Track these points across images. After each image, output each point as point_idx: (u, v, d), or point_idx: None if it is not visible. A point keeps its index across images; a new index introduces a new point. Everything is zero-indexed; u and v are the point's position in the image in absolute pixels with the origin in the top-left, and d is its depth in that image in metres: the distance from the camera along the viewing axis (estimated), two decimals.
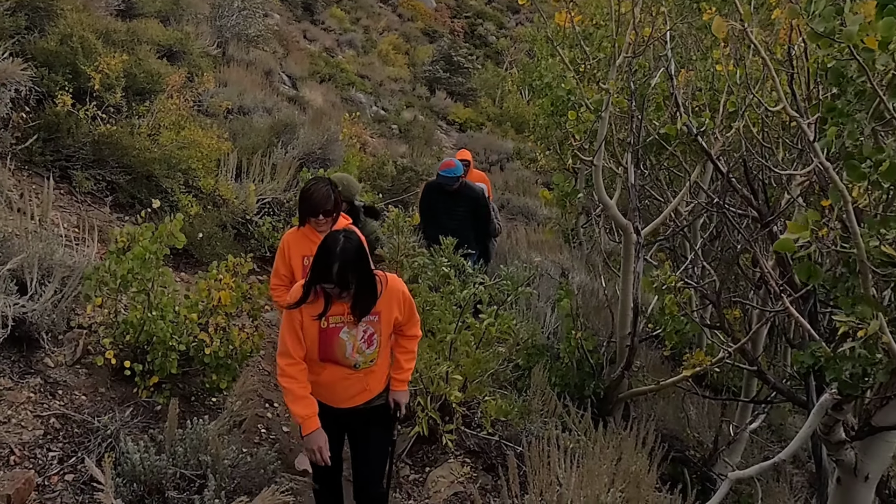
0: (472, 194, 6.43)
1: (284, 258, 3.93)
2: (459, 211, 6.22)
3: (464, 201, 6.32)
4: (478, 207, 6.43)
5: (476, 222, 6.43)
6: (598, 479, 3.37)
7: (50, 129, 5.80)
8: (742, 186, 5.62)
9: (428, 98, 24.05)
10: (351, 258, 2.82)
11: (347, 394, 3.14)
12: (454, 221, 6.00)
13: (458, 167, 6.31)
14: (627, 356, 5.54)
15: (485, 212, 6.56)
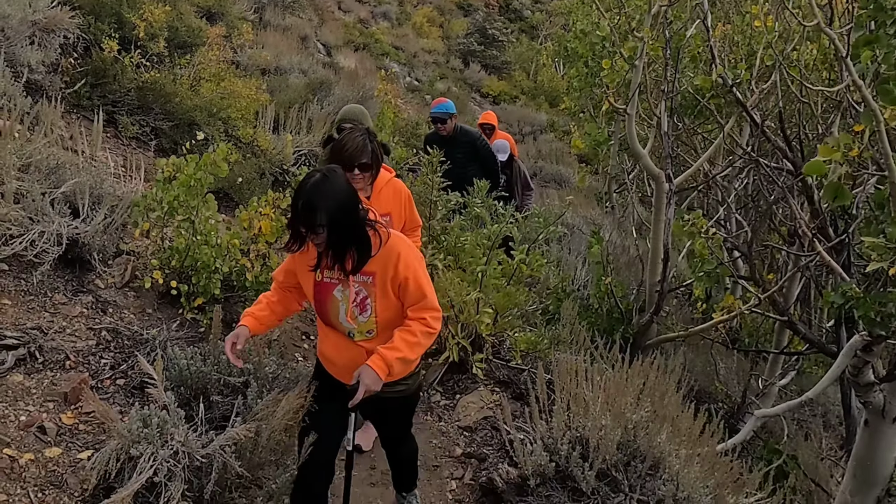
0: (468, 138, 6.28)
1: None
2: (458, 158, 5.85)
3: (461, 147, 6.10)
4: (475, 150, 6.24)
5: (477, 168, 6.15)
6: (624, 397, 3.47)
7: (97, 75, 6.00)
8: (777, 138, 5.63)
9: (462, 70, 24.01)
10: (322, 196, 2.44)
11: (350, 369, 2.69)
12: (454, 169, 5.63)
13: (449, 104, 6.26)
14: (657, 301, 5.61)
15: (485, 153, 6.34)
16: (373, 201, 3.36)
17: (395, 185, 3.57)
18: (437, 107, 6.29)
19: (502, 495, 3.41)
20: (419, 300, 2.65)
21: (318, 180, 2.49)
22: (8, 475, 2.85)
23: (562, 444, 3.27)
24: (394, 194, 3.55)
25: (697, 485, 3.14)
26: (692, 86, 6.21)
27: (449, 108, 6.21)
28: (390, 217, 3.48)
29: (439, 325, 2.70)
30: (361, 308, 2.67)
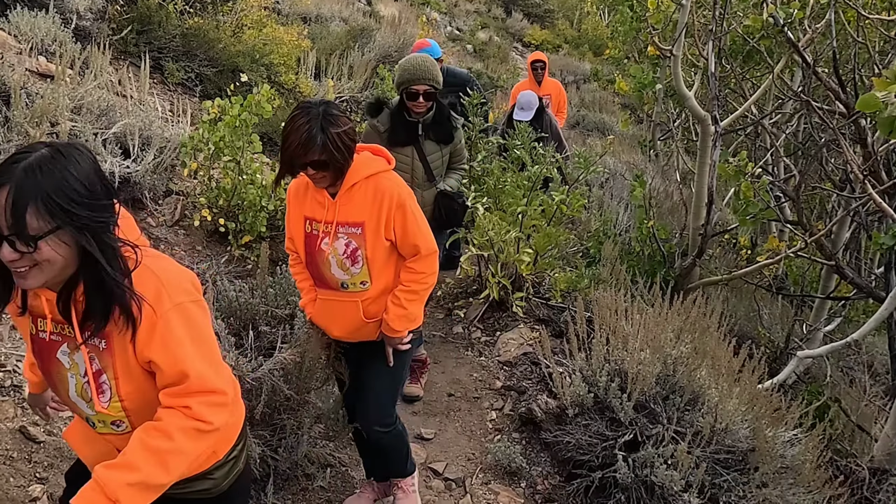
0: (456, 81, 5.30)
1: None
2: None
3: (448, 95, 5.00)
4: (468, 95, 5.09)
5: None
6: (664, 333, 3.49)
7: (142, 22, 6.09)
8: (829, 79, 5.46)
9: (504, 19, 23.63)
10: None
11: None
12: None
13: (434, 47, 5.13)
14: (700, 244, 5.56)
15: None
16: (339, 203, 2.47)
17: (377, 185, 2.47)
18: (420, 51, 4.68)
19: (541, 424, 3.50)
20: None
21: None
22: None
23: (600, 376, 3.32)
24: (373, 197, 2.47)
25: (736, 417, 3.17)
26: (742, 27, 6.04)
27: (434, 52, 5.02)
28: (362, 229, 2.48)
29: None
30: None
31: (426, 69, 3.48)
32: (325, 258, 2.53)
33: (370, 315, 2.63)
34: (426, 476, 3.35)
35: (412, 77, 3.48)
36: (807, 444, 3.15)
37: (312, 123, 2.27)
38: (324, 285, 2.64)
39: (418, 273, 2.58)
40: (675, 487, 2.93)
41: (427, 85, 3.49)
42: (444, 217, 3.77)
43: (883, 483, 4.55)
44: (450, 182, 3.84)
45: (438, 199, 3.76)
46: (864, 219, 5.86)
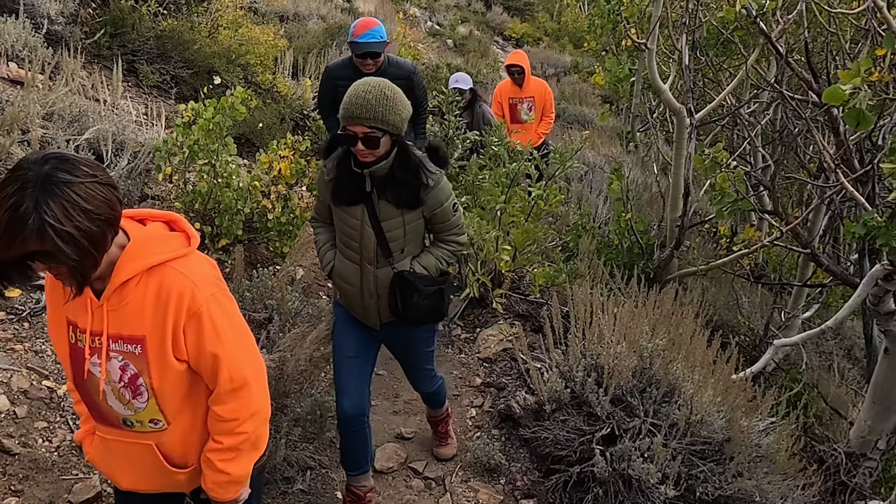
0: (401, 73, 4.18)
1: None
2: None
3: None
4: (413, 90, 4.14)
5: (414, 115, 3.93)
6: (639, 326, 3.52)
7: (115, 25, 6.05)
8: (802, 70, 5.51)
9: (484, 13, 23.64)
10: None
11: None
12: None
13: (379, 28, 4.09)
14: (678, 236, 5.61)
15: (421, 94, 4.36)
16: (107, 307, 1.63)
17: (162, 281, 1.64)
18: (365, 34, 4.02)
19: (520, 420, 3.53)
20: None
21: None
22: (47, 404, 3.01)
23: (577, 371, 3.35)
24: (156, 300, 1.64)
25: (711, 408, 3.21)
26: (716, 18, 6.08)
27: (381, 35, 4.09)
28: (142, 347, 1.65)
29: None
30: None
31: (368, 104, 2.44)
32: (97, 386, 1.71)
33: (176, 461, 1.81)
34: (406, 475, 3.37)
35: (346, 113, 2.47)
36: (780, 432, 3.19)
37: (25, 196, 1.39)
38: (101, 420, 1.79)
39: (226, 421, 1.73)
40: (651, 480, 2.97)
41: (368, 127, 2.45)
42: (401, 311, 2.76)
43: (858, 467, 4.63)
44: (424, 260, 2.78)
45: (395, 285, 2.74)
46: (837, 207, 5.92)
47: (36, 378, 3.11)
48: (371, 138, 2.48)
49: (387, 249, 2.70)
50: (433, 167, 2.68)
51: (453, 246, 2.86)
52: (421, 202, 2.65)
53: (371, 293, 2.76)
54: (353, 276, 2.77)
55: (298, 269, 4.59)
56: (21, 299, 3.46)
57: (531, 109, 6.58)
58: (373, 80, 2.54)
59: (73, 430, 2.95)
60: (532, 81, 6.64)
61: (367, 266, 2.73)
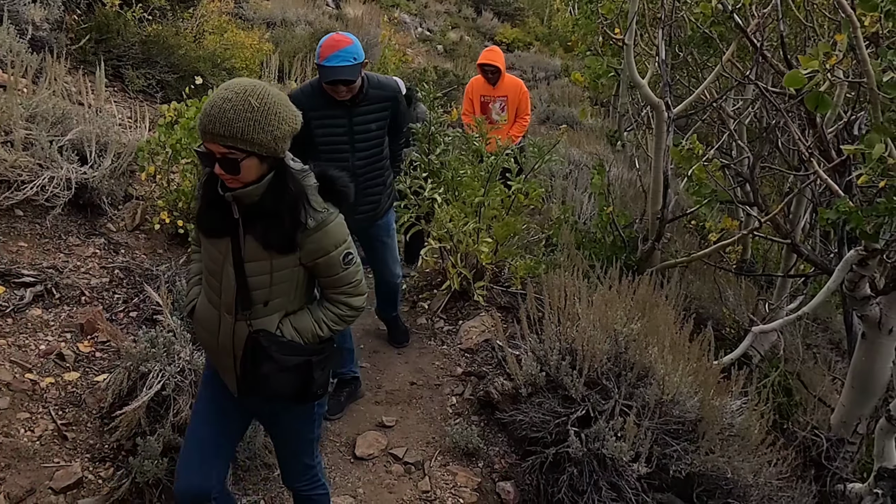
0: (384, 94, 3.53)
1: None
2: (371, 131, 3.52)
3: (374, 112, 3.50)
4: (396, 116, 3.61)
5: (394, 144, 3.80)
6: (614, 312, 3.59)
7: (101, 30, 6.12)
8: (778, 62, 5.60)
9: (474, 19, 23.77)
10: None
11: None
12: (361, 153, 3.51)
13: (352, 48, 3.26)
14: (658, 229, 5.68)
15: (402, 122, 3.72)
16: None
17: None
18: (333, 56, 3.22)
19: (497, 406, 3.58)
20: None
21: None
22: (30, 396, 3.07)
23: (552, 355, 3.41)
24: None
25: (682, 388, 3.27)
26: (693, 14, 6.18)
27: (353, 55, 3.26)
28: None
29: None
30: None
31: (224, 116, 1.92)
32: None
33: None
34: (386, 461, 3.43)
35: (200, 126, 1.98)
36: (750, 413, 3.25)
37: None
38: None
39: None
40: (624, 458, 3.02)
41: (225, 146, 1.95)
42: (251, 381, 2.19)
43: (840, 452, 4.69)
44: (299, 321, 2.20)
45: (249, 348, 2.16)
46: (816, 197, 6.00)
47: (19, 371, 3.17)
48: (229, 160, 1.96)
49: (247, 299, 2.13)
50: (320, 204, 2.10)
51: (342, 309, 2.23)
52: (295, 247, 2.08)
53: (228, 350, 2.20)
54: (211, 324, 2.23)
55: None
56: (5, 296, 3.52)
57: (503, 109, 6.12)
58: (240, 83, 2.00)
59: (55, 421, 3.00)
60: (506, 80, 6.18)
61: (226, 315, 2.18)
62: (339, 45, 3.22)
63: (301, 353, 2.18)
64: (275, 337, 2.16)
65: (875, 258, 4.35)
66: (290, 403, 2.28)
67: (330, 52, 3.20)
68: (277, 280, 2.13)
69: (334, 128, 3.43)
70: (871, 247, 4.20)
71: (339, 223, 2.13)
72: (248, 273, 2.10)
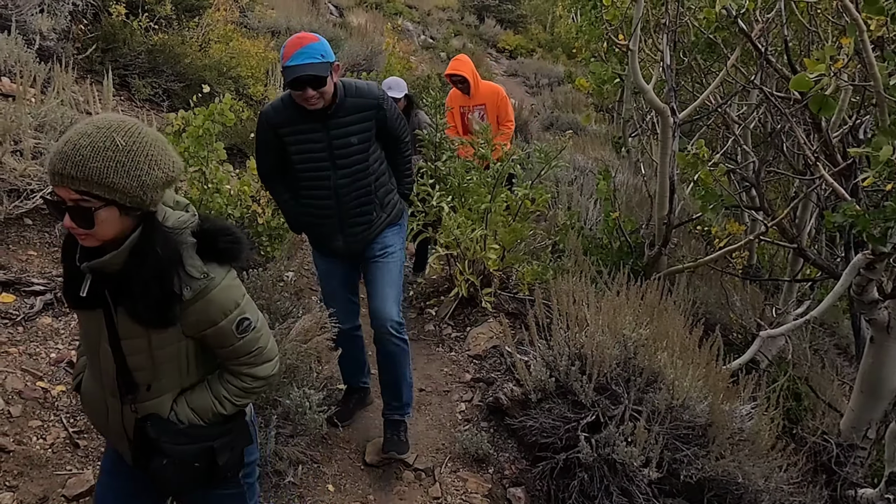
0: (365, 103, 3.05)
1: None
2: (352, 145, 3.07)
3: (354, 123, 3.05)
4: (385, 125, 3.14)
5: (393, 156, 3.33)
6: (622, 317, 3.59)
7: (107, 40, 6.16)
8: (782, 67, 5.61)
9: (477, 26, 23.87)
10: None
11: None
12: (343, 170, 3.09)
13: (319, 45, 2.87)
14: (665, 234, 5.68)
15: (400, 128, 3.25)
16: None
17: None
18: (298, 54, 2.82)
19: (507, 411, 3.58)
20: None
21: None
22: (42, 404, 3.07)
23: (561, 360, 3.41)
24: None
25: (692, 393, 3.27)
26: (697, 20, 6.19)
27: (321, 52, 2.86)
28: None
29: None
30: None
31: (78, 153, 1.52)
32: None
33: None
34: (397, 468, 3.42)
35: (49, 167, 1.57)
36: (760, 416, 3.25)
37: None
38: None
39: None
40: (634, 463, 3.02)
41: (77, 191, 1.55)
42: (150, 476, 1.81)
43: (850, 457, 4.67)
44: (196, 400, 1.84)
45: (138, 438, 1.82)
46: (821, 201, 6.00)
47: (30, 379, 3.18)
48: (81, 209, 1.55)
49: (129, 382, 1.77)
50: (199, 268, 1.69)
51: (246, 381, 1.85)
52: (173, 320, 1.69)
53: (120, 435, 1.85)
54: (98, 405, 1.87)
55: (289, 273, 4.66)
56: (16, 304, 3.53)
57: (483, 118, 5.66)
58: (107, 118, 1.59)
59: (67, 429, 3.01)
60: (483, 87, 5.76)
61: (111, 398, 1.82)
62: (303, 42, 2.84)
63: (199, 440, 1.80)
64: (166, 424, 1.79)
65: (882, 262, 4.34)
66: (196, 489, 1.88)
67: (293, 49, 2.81)
68: (161, 359, 1.75)
69: (311, 143, 3.04)
70: (878, 250, 4.20)
71: (225, 287, 1.71)
72: (126, 352, 1.73)
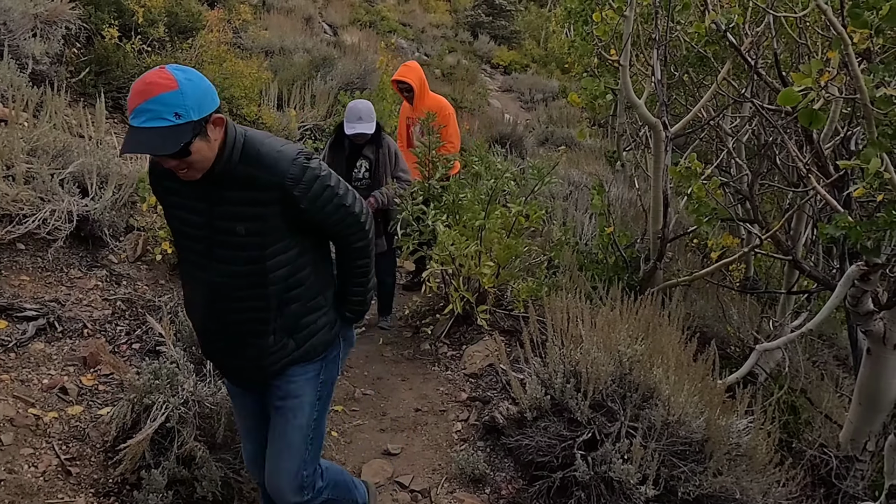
0: (269, 179, 2.11)
1: None
2: (234, 234, 2.17)
3: (243, 204, 2.15)
4: (302, 214, 2.19)
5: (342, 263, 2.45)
6: (617, 333, 3.57)
7: (100, 63, 6.18)
8: (772, 80, 5.63)
9: (471, 43, 23.97)
10: None
11: None
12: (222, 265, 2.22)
13: (177, 96, 1.92)
14: (660, 248, 5.68)
15: (333, 215, 2.26)
16: None
17: None
18: (140, 110, 1.93)
19: (503, 431, 3.56)
20: None
21: None
22: (34, 431, 3.05)
23: (556, 377, 3.40)
24: None
25: (688, 408, 3.25)
26: (687, 34, 6.23)
27: (179, 109, 1.94)
28: None
29: None
30: None
31: None
32: None
33: None
34: (392, 490, 3.40)
35: None
36: (757, 430, 3.23)
37: None
38: None
39: None
40: (631, 481, 3.00)
41: None
42: None
43: (850, 470, 4.64)
44: None
45: None
46: (816, 212, 6.01)
47: (22, 406, 3.16)
48: None
49: None
50: None
51: None
52: None
53: None
54: None
55: None
56: (7, 330, 3.52)
57: (423, 133, 5.08)
58: None
59: (59, 456, 2.98)
60: (429, 99, 5.41)
61: None
62: (150, 92, 1.92)
63: None
64: None
65: (877, 273, 4.34)
66: None
67: (135, 102, 1.93)
68: None
69: (188, 213, 2.20)
70: (872, 261, 4.20)
71: None
72: None
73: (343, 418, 3.91)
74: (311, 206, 2.16)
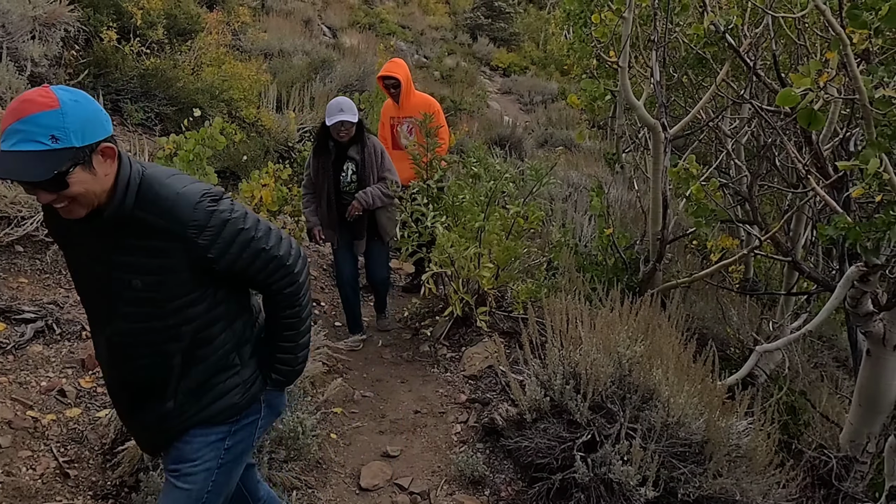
0: (165, 226, 1.81)
1: None
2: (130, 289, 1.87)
3: (139, 251, 1.84)
4: (216, 269, 1.88)
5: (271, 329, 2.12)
6: (616, 334, 3.57)
7: (99, 65, 6.17)
8: (772, 81, 5.64)
9: (470, 45, 24.01)
10: None
11: None
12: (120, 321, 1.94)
13: (54, 117, 1.63)
14: (659, 249, 5.67)
15: (251, 265, 1.92)
16: None
17: None
18: (10, 131, 1.64)
19: (503, 432, 3.55)
20: None
21: None
22: (32, 434, 3.04)
23: (555, 379, 3.39)
24: None
25: (687, 410, 3.24)
26: (686, 36, 6.23)
27: (57, 131, 1.64)
28: None
29: None
30: None
31: None
32: None
33: None
34: (392, 492, 3.39)
35: None
36: (756, 432, 3.22)
37: None
38: None
39: None
40: (631, 482, 2.99)
41: None
42: None
43: (850, 471, 4.63)
44: None
45: None
46: (815, 214, 6.00)
47: (20, 409, 3.15)
48: None
49: None
50: None
51: None
52: None
53: None
54: None
55: None
56: (6, 332, 3.51)
57: (411, 132, 5.30)
58: None
59: (57, 459, 2.97)
60: (414, 98, 5.36)
61: None
62: (23, 111, 1.65)
63: None
64: None
65: (876, 274, 4.33)
66: None
67: (6, 121, 1.67)
68: None
69: (84, 257, 1.93)
70: (871, 262, 4.20)
71: None
72: None
73: (342, 420, 3.91)
74: (222, 254, 1.85)
